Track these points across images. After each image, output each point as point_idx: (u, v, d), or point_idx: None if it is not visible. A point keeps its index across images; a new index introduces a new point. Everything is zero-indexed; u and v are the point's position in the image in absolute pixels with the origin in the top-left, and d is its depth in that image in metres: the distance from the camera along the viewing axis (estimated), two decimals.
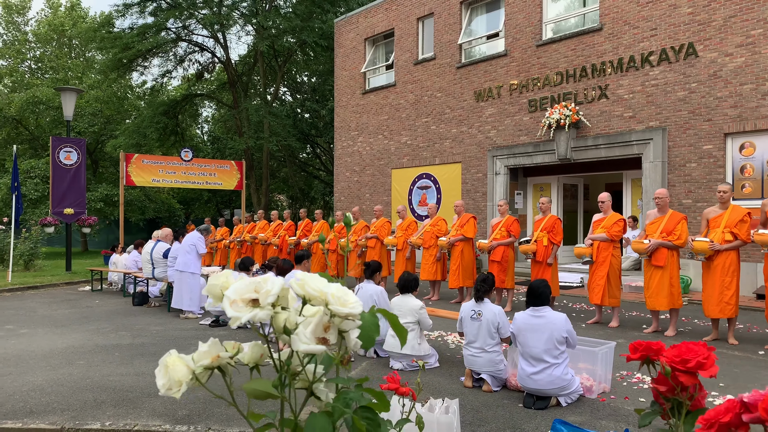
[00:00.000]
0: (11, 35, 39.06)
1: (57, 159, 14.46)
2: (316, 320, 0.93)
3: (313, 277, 0.97)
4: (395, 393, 1.71)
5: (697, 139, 11.00)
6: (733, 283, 6.75)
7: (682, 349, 1.11)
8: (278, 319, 0.96)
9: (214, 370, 1.04)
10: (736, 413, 0.91)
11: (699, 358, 1.05)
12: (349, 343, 1.00)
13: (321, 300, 0.94)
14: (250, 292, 0.95)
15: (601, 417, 4.35)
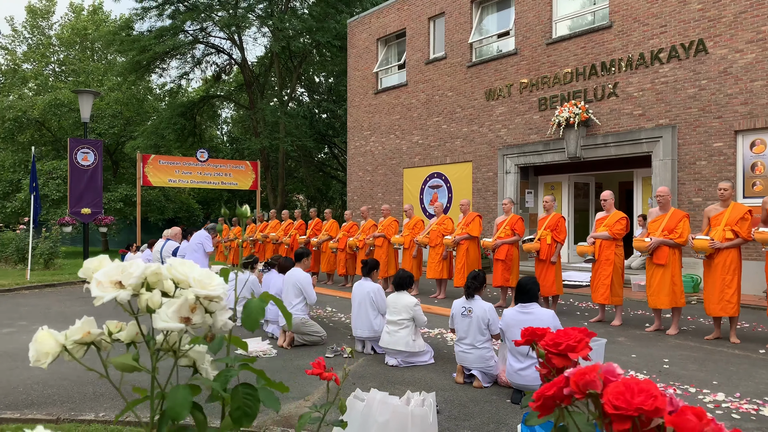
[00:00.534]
0: (36, 39, 39.92)
1: (74, 160, 14.78)
2: (180, 301, 1.01)
3: (181, 263, 1.05)
4: (320, 378, 1.78)
5: (707, 137, 10.88)
6: (734, 282, 6.70)
7: (559, 333, 1.17)
8: (141, 300, 1.04)
9: (89, 345, 1.12)
10: (559, 387, 0.96)
11: (570, 342, 1.11)
12: (216, 322, 1.08)
13: (186, 283, 1.02)
14: (117, 275, 1.03)
15: None
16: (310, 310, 6.81)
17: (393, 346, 5.71)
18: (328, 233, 12.94)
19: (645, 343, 6.73)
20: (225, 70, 30.39)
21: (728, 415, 4.30)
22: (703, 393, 4.82)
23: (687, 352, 6.31)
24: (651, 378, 5.25)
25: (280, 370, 5.61)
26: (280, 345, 6.56)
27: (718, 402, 4.58)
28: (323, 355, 6.19)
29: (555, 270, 8.61)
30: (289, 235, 13.93)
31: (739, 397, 4.70)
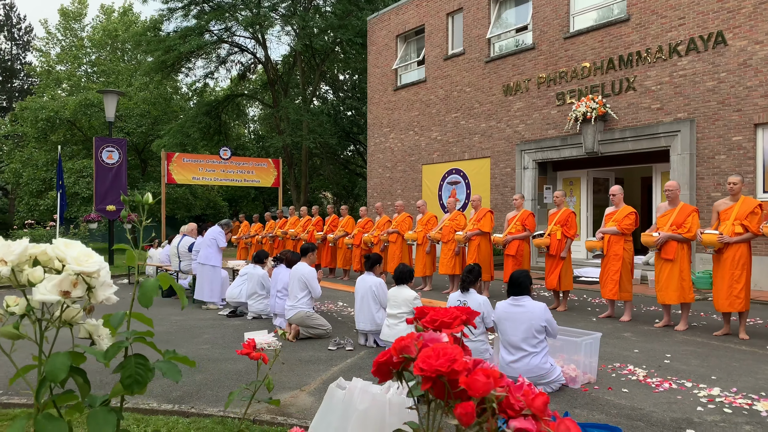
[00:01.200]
0: (69, 41, 40.93)
1: (100, 158, 15.19)
2: (60, 276, 1.11)
3: (65, 243, 1.15)
4: (248, 357, 1.87)
5: (727, 131, 10.69)
6: (743, 277, 6.60)
7: (438, 311, 1.23)
8: (21, 276, 1.13)
9: None
10: (389, 356, 1.03)
11: (445, 319, 1.18)
12: (96, 297, 1.18)
13: (66, 261, 1.12)
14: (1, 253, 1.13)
15: (576, 406, 4.39)
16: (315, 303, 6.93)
17: (392, 339, 5.78)
18: (344, 229, 13.07)
19: (651, 339, 6.68)
20: (250, 69, 30.78)
21: (720, 409, 4.28)
22: (699, 387, 4.79)
23: (692, 347, 6.25)
24: (649, 372, 5.23)
25: (279, 361, 5.74)
26: (289, 339, 6.69)
27: (712, 396, 4.55)
28: (326, 347, 6.30)
29: (564, 265, 8.58)
30: (307, 231, 14.09)
31: (735, 392, 4.66)
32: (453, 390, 0.91)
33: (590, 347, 4.96)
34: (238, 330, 7.24)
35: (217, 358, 5.89)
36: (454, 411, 0.87)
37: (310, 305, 6.74)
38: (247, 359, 5.83)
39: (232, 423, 3.89)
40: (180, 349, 6.35)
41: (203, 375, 5.28)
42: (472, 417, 0.86)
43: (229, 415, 4.04)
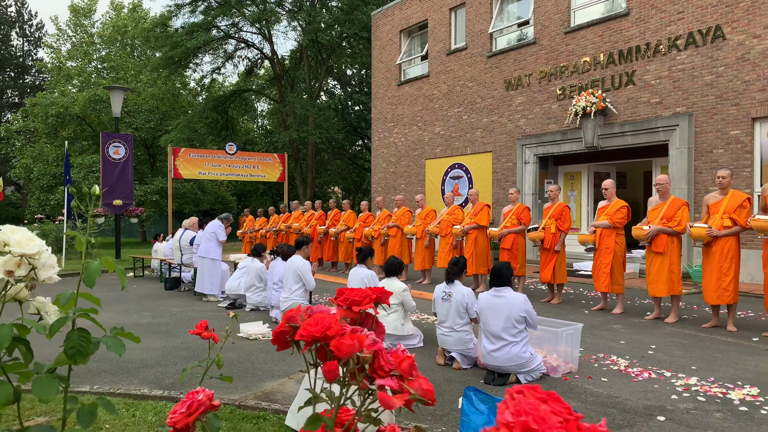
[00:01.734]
0: (79, 37, 41.27)
1: (106, 153, 15.44)
2: (5, 258, 1.25)
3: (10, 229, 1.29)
4: (200, 336, 2.01)
5: (725, 125, 10.71)
6: (731, 270, 6.67)
7: (351, 291, 1.37)
8: None
9: None
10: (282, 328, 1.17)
11: (355, 297, 1.31)
12: (39, 276, 1.32)
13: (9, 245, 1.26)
14: None
15: None
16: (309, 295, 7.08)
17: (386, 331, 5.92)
18: (345, 224, 13.22)
19: (639, 331, 6.78)
20: (256, 65, 30.95)
21: (694, 397, 4.38)
22: (677, 377, 4.89)
23: (678, 339, 6.34)
24: (630, 363, 5.34)
25: (272, 351, 5.90)
26: None
27: (688, 385, 4.66)
28: None
29: (558, 258, 8.67)
30: (310, 225, 14.26)
31: (713, 381, 4.76)
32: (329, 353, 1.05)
33: (571, 338, 5.07)
34: (217, 320, 7.40)
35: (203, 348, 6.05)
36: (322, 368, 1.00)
37: (305, 297, 6.89)
38: (239, 348, 6.01)
39: None
40: (176, 339, 6.54)
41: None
42: (334, 374, 0.99)
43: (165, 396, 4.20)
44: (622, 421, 3.92)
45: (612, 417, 4.01)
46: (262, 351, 5.90)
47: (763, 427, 3.80)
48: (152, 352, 5.90)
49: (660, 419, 3.95)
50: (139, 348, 6.04)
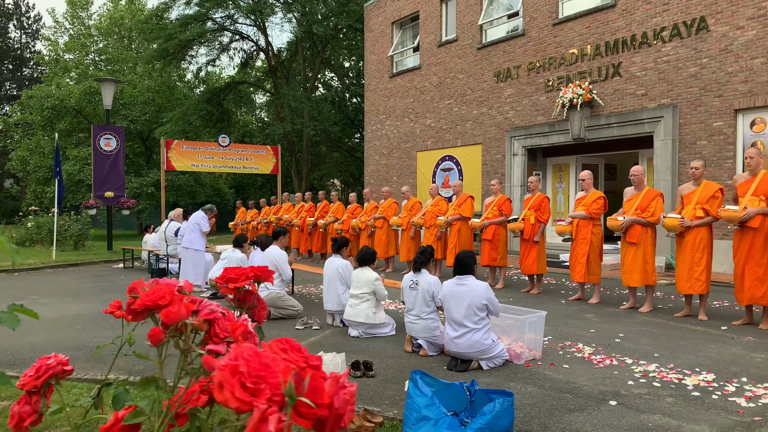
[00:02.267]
0: (76, 29, 41.19)
1: (98, 145, 15.50)
2: None
3: None
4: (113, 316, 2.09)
5: (708, 116, 10.75)
6: (703, 260, 6.74)
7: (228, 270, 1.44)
8: None
9: None
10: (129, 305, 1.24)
11: (232, 275, 1.39)
12: None
13: None
14: None
15: (512, 379, 4.60)
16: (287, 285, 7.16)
17: (354, 318, 6.02)
18: (334, 215, 13.30)
19: (611, 320, 6.87)
20: (252, 57, 30.94)
21: (650, 383, 4.47)
22: (638, 364, 4.98)
23: (648, 328, 6.43)
24: (595, 350, 5.43)
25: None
26: None
27: (647, 372, 4.74)
28: (294, 327, 6.55)
29: (538, 249, 8.75)
30: (300, 217, 14.34)
31: (672, 368, 4.84)
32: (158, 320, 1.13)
33: (534, 325, 5.16)
34: None
35: None
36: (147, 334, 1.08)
37: (282, 287, 6.98)
38: None
39: None
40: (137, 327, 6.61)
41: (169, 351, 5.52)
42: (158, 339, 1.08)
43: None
44: (574, 405, 4.00)
45: (565, 401, 4.09)
46: None
47: (711, 411, 3.89)
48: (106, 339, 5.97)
49: (612, 403, 4.03)
50: (115, 336, 6.11)
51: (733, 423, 3.67)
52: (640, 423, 3.68)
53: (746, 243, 6.35)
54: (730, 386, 4.36)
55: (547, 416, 3.81)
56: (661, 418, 3.76)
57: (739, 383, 4.43)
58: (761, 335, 6.01)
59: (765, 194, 6.30)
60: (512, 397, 3.10)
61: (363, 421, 3.40)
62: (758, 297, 6.26)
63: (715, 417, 3.77)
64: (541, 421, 3.72)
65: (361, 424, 3.37)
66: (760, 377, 4.58)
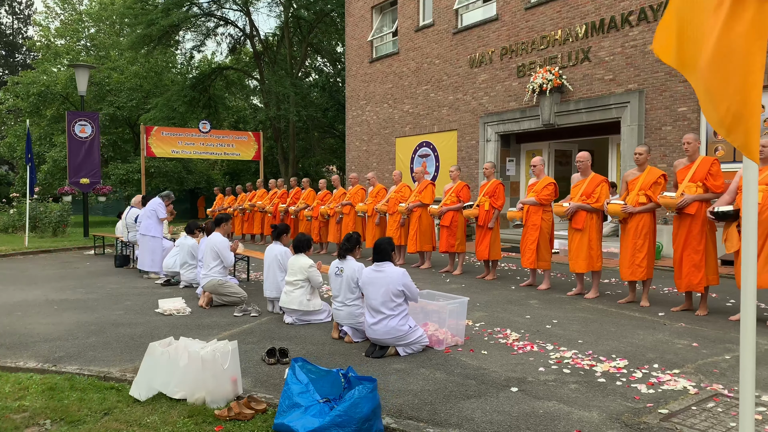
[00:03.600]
0: (67, 15, 40.89)
1: (72, 132, 15.45)
2: None
3: None
4: None
5: (673, 101, 10.68)
6: (645, 246, 6.72)
7: None
8: None
9: None
10: None
11: None
12: None
13: None
14: None
15: (424, 365, 4.60)
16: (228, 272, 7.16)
17: (288, 305, 6.03)
18: (305, 202, 13.28)
19: (552, 306, 6.87)
20: (239, 42, 30.73)
21: (560, 369, 4.47)
22: (558, 350, 4.98)
23: (585, 314, 6.43)
24: (521, 336, 5.43)
25: (183, 326, 6.00)
26: (200, 305, 6.96)
27: (562, 358, 4.75)
28: (233, 314, 6.56)
29: (492, 235, 8.73)
30: (273, 203, 14.33)
31: (589, 354, 4.85)
32: None
33: (455, 312, 5.16)
34: (160, 297, 7.48)
35: (121, 323, 6.17)
36: None
37: (223, 273, 6.98)
38: (148, 324, 6.11)
39: (79, 379, 4.15)
40: (93, 314, 6.63)
41: (97, 338, 5.55)
42: None
43: (83, 373, 4.31)
44: (474, 392, 4.01)
45: (467, 388, 4.10)
46: (168, 326, 6.00)
47: (609, 397, 3.89)
48: (61, 327, 6.00)
49: (513, 390, 4.04)
50: (52, 323, 6.15)
51: (624, 409, 3.68)
52: (531, 410, 3.69)
53: (684, 230, 6.33)
54: (638, 373, 4.37)
55: (442, 402, 3.82)
56: (556, 404, 3.77)
57: (649, 369, 4.44)
58: (695, 321, 6.01)
59: (702, 180, 6.27)
60: (373, 383, 3.10)
61: (243, 408, 3.40)
62: (695, 284, 6.26)
63: (609, 404, 3.78)
64: (433, 407, 3.73)
65: (240, 411, 3.37)
66: (673, 363, 4.58)
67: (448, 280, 8.82)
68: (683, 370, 4.42)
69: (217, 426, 3.29)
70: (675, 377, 4.25)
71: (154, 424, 3.35)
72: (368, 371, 4.46)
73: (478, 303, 7.04)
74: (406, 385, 4.14)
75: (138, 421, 3.39)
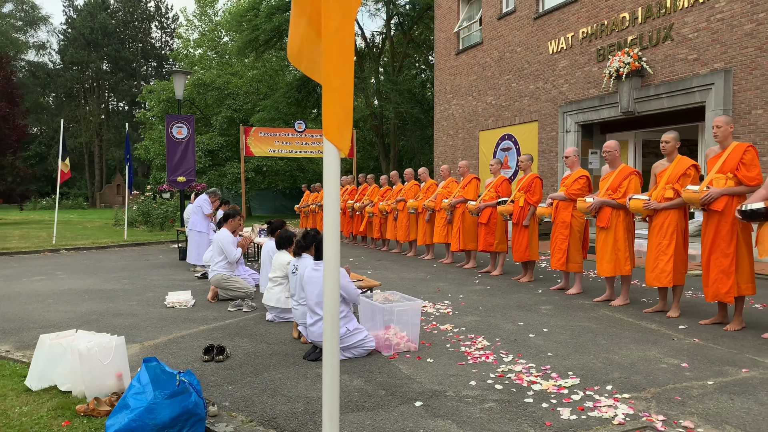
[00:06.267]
0: (206, 26, 44.25)
1: (171, 134, 16.64)
2: None
3: None
4: None
5: (765, 81, 9.22)
6: (670, 248, 5.83)
7: None
8: None
9: None
10: None
11: None
12: None
13: None
14: None
15: (349, 372, 4.30)
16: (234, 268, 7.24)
17: (267, 302, 5.99)
18: (369, 198, 13.22)
19: (562, 313, 6.19)
20: None
21: (492, 386, 3.97)
22: (516, 362, 4.45)
23: (589, 323, 5.71)
24: (486, 345, 4.93)
25: (171, 319, 6.18)
26: (208, 299, 7.14)
27: (507, 372, 4.23)
28: (226, 309, 6.65)
29: (529, 234, 8.07)
30: (342, 200, 14.44)
31: (546, 369, 4.28)
32: None
33: (404, 315, 4.79)
34: (176, 289, 7.76)
35: (122, 313, 6.47)
36: None
37: (228, 269, 7.09)
38: (142, 316, 6.36)
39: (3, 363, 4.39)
40: (111, 303, 7.03)
41: (87, 327, 5.85)
42: None
43: (11, 357, 4.57)
44: (372, 404, 3.68)
45: (371, 398, 3.77)
46: (158, 318, 6.20)
47: (516, 421, 3.39)
48: (69, 315, 6.42)
49: (416, 405, 3.66)
50: (65, 311, 6.61)
51: None
52: (411, 429, 3.30)
53: (711, 229, 5.40)
54: (579, 395, 3.77)
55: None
56: (445, 425, 3.35)
57: (597, 392, 3.82)
58: (716, 337, 5.10)
59: (733, 171, 5.30)
60: (171, 389, 2.92)
61: (101, 405, 3.39)
62: (723, 293, 5.31)
63: (507, 428, 3.28)
64: (309, 418, 3.47)
65: (95, 407, 3.36)
66: (633, 386, 3.91)
67: (477, 281, 8.30)
68: (637, 395, 3.74)
69: (65, 422, 3.29)
70: (619, 402, 3.61)
71: (16, 413, 3.43)
72: (288, 374, 4.28)
73: (481, 307, 6.53)
74: (308, 392, 3.90)
75: (7, 411, 3.49)
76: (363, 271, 9.54)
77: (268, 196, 34.33)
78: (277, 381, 4.14)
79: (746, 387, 3.86)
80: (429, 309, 6.43)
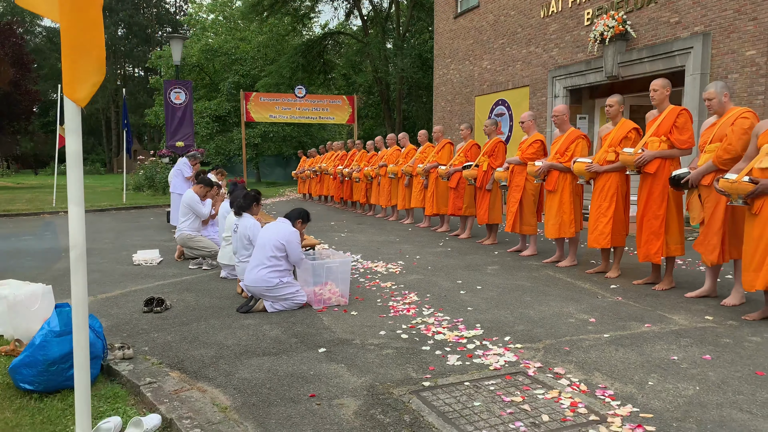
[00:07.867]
0: None
1: (169, 99, 16.89)
2: None
3: None
4: None
5: (741, 44, 9.11)
6: (610, 210, 5.95)
7: None
8: None
9: None
10: None
11: None
12: None
13: None
14: None
15: (272, 321, 4.58)
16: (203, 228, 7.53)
17: (221, 260, 6.28)
18: (357, 164, 13.40)
19: (505, 273, 6.39)
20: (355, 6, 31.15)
21: (400, 336, 4.22)
22: (434, 317, 4.68)
23: (523, 282, 5.91)
24: (413, 300, 5.17)
25: (132, 275, 6.51)
26: (175, 258, 7.47)
27: (419, 323, 4.47)
28: (188, 266, 6.97)
29: (491, 197, 8.22)
30: (333, 165, 14.64)
31: (458, 321, 4.50)
32: None
33: (333, 270, 5.03)
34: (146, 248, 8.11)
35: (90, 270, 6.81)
36: None
37: (193, 228, 7.37)
38: (108, 272, 6.69)
39: None
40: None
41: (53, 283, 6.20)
42: None
43: None
44: (279, 350, 3.93)
45: (279, 345, 4.04)
46: (121, 274, 6.54)
47: (407, 365, 3.62)
48: (41, 271, 6.78)
49: (319, 351, 3.92)
50: (38, 267, 6.98)
51: (399, 378, 3.42)
52: (303, 371, 3.56)
53: (644, 191, 5.52)
54: (474, 344, 4.00)
55: (230, 358, 3.80)
56: (336, 368, 3.60)
57: (495, 342, 4.04)
58: (642, 296, 5.27)
59: (666, 134, 5.39)
60: (61, 329, 3.19)
61: (20, 346, 3.70)
62: (652, 253, 5.46)
63: (394, 372, 3.52)
64: (213, 363, 3.74)
65: (14, 348, 3.67)
66: (529, 338, 4.12)
67: (441, 244, 8.51)
68: (530, 346, 3.96)
69: None
70: (509, 352, 3.82)
71: None
72: (215, 324, 4.55)
73: (431, 267, 6.75)
74: (225, 340, 4.18)
75: None
76: (338, 234, 9.81)
77: (280, 162, 34.66)
78: (201, 330, 4.43)
79: (637, 340, 4.05)
80: (379, 268, 6.67)
